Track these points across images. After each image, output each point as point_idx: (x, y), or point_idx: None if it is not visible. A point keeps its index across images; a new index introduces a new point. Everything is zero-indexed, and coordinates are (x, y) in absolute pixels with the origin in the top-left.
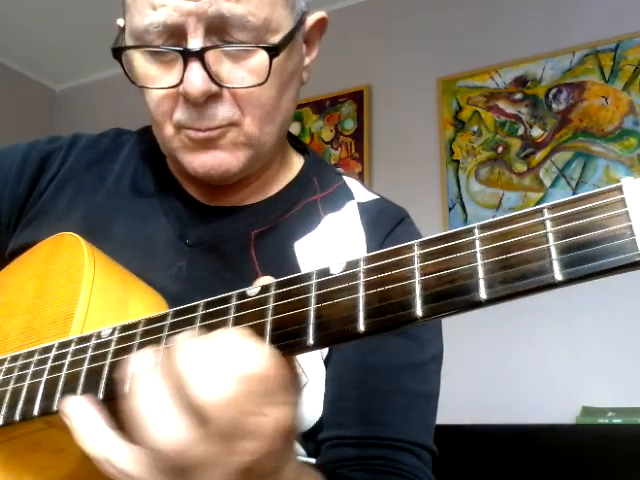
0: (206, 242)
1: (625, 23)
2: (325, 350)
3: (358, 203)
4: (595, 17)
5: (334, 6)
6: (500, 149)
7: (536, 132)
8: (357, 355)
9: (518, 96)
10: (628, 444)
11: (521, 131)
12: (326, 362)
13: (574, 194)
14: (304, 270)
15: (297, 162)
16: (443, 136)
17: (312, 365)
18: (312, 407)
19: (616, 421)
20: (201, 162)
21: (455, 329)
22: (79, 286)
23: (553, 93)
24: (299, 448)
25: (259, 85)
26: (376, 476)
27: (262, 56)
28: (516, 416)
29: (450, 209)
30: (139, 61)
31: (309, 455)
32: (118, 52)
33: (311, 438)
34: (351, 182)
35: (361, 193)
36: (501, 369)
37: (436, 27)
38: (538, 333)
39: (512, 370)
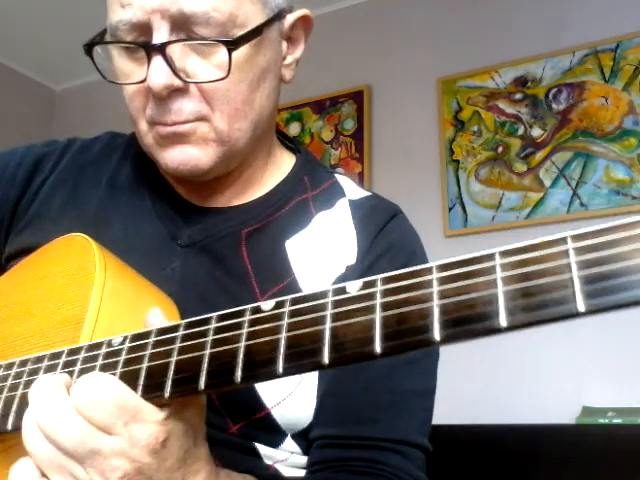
0: (198, 242)
1: (625, 23)
2: None
3: (350, 200)
4: (595, 17)
5: (334, 6)
6: (500, 149)
7: (536, 132)
8: None
9: (518, 96)
10: (628, 444)
11: (521, 131)
12: None
13: (574, 194)
14: (295, 268)
15: (288, 161)
16: (443, 136)
17: None
18: (307, 407)
19: (616, 421)
20: (170, 157)
21: None
22: (90, 290)
23: (553, 93)
24: (292, 447)
25: (222, 80)
26: (355, 477)
27: (225, 51)
28: (516, 416)
29: (450, 209)
30: (116, 58)
31: (306, 453)
32: (89, 48)
33: (307, 436)
34: (343, 180)
35: (353, 190)
36: (501, 369)
37: (436, 27)
38: (539, 333)
39: (512, 370)
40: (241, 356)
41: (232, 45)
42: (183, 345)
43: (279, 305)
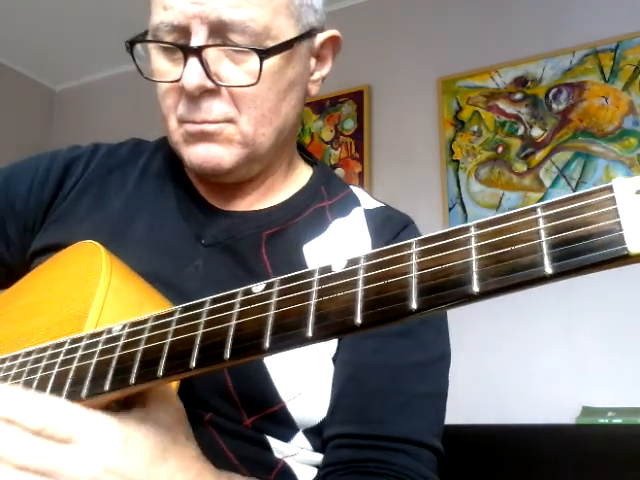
0: (221, 242)
1: (625, 23)
2: (333, 349)
3: (365, 210)
4: (595, 17)
5: (334, 6)
6: (500, 149)
7: (536, 132)
8: (361, 354)
9: (518, 96)
10: (628, 444)
11: (521, 131)
12: (334, 360)
13: None
14: None
15: (306, 173)
16: (443, 136)
17: (320, 363)
18: (320, 404)
19: (616, 421)
20: (195, 154)
21: (455, 328)
22: (95, 288)
23: (553, 93)
24: (303, 442)
25: (252, 85)
26: (365, 477)
27: (256, 59)
28: (516, 416)
29: (450, 209)
30: (154, 56)
31: (316, 450)
32: (131, 45)
33: (319, 434)
34: (358, 191)
35: (368, 201)
36: (501, 369)
37: (436, 27)
38: (538, 333)
39: (512, 370)
40: (231, 334)
41: (264, 54)
42: (178, 327)
43: (269, 286)
